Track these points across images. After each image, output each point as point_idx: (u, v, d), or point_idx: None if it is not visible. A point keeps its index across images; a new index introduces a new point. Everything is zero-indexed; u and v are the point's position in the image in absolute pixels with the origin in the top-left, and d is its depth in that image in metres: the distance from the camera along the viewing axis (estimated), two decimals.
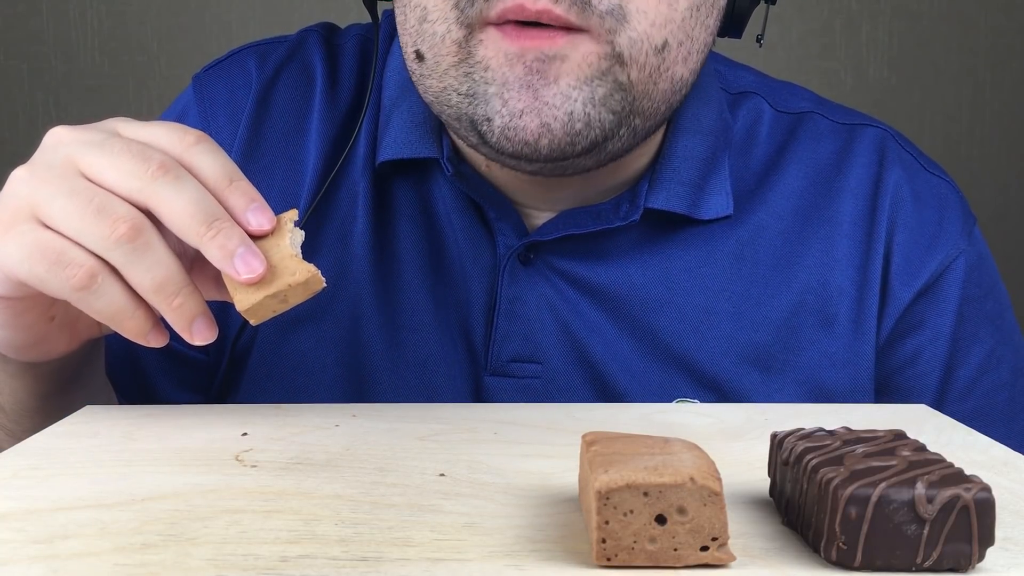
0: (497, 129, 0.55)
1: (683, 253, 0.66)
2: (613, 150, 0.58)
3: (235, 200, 0.49)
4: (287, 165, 0.68)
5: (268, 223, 0.49)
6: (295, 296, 0.48)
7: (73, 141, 0.49)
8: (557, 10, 0.53)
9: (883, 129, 0.71)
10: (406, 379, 0.65)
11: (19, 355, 0.54)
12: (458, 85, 0.56)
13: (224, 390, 0.69)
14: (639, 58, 0.55)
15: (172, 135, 0.50)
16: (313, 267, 0.48)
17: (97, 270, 0.47)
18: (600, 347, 0.65)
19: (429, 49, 0.57)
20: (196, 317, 0.48)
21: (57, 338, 0.54)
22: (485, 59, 0.55)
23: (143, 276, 0.47)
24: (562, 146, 0.55)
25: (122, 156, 0.48)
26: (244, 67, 0.71)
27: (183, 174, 0.48)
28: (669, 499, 0.33)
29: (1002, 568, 0.35)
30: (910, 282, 0.67)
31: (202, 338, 0.48)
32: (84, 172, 0.48)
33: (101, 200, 0.47)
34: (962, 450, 0.49)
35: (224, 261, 0.47)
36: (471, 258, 0.66)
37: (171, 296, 0.47)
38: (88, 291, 0.47)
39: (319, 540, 0.36)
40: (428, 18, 0.56)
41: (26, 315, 0.52)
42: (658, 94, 0.57)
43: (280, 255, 0.48)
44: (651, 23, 0.55)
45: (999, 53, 1.96)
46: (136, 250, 0.47)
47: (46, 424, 0.58)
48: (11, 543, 0.36)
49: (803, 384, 0.65)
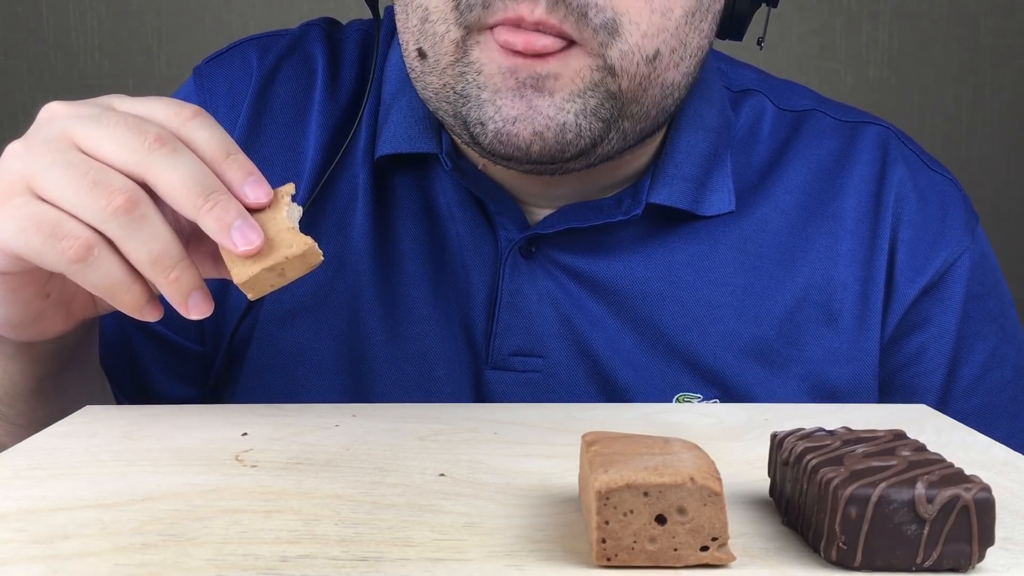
0: (490, 133, 0.56)
1: (686, 247, 0.66)
2: (603, 153, 0.59)
3: (232, 173, 0.48)
4: (287, 156, 0.68)
5: (265, 196, 0.48)
6: (293, 269, 0.48)
7: (68, 115, 0.49)
8: (553, 20, 0.53)
9: (885, 127, 0.72)
10: (406, 372, 0.65)
11: (15, 333, 0.54)
12: (454, 83, 0.57)
13: (222, 382, 0.69)
14: (630, 69, 0.56)
15: (168, 109, 0.49)
16: (310, 239, 0.47)
17: (93, 242, 0.47)
18: (602, 341, 0.65)
19: (431, 48, 0.57)
20: (192, 291, 0.48)
21: (53, 316, 0.54)
22: (479, 61, 0.55)
23: (139, 249, 0.47)
24: (552, 153, 0.56)
25: (118, 129, 0.47)
26: (245, 59, 0.71)
27: (180, 147, 0.48)
28: (669, 499, 0.33)
29: (1002, 568, 0.35)
30: (915, 279, 0.67)
31: (198, 312, 0.48)
32: (79, 145, 0.48)
33: (97, 172, 0.47)
34: (962, 450, 0.49)
35: (221, 233, 0.47)
36: (472, 251, 0.66)
37: (168, 269, 0.47)
38: (84, 263, 0.47)
39: (319, 540, 0.36)
40: (430, 18, 0.57)
41: (22, 291, 0.51)
42: (648, 99, 0.58)
43: (277, 228, 0.48)
44: (643, 34, 0.55)
45: (999, 53, 1.96)
46: (132, 222, 0.46)
47: (39, 411, 0.58)
48: (11, 543, 0.36)
49: (806, 380, 0.65)
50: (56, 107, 0.50)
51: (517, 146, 0.56)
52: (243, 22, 1.92)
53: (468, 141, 0.58)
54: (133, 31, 1.92)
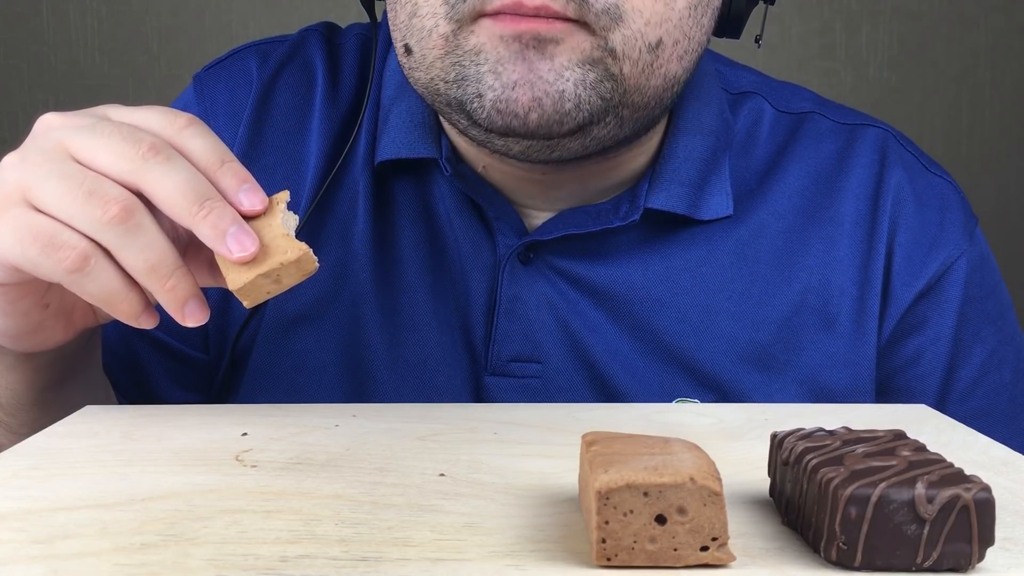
0: (488, 103, 0.55)
1: (683, 252, 0.66)
2: (599, 136, 0.58)
3: (227, 181, 0.48)
4: (288, 164, 0.68)
5: (260, 203, 0.48)
6: (288, 276, 0.48)
7: (63, 126, 0.49)
8: (555, 6, 0.53)
9: (884, 129, 0.71)
10: (406, 379, 0.65)
11: (15, 344, 0.54)
12: (444, 75, 0.57)
13: (224, 389, 0.69)
14: (632, 54, 0.55)
15: (163, 118, 0.49)
16: (305, 245, 0.47)
17: (90, 252, 0.47)
18: (600, 347, 0.65)
19: (417, 43, 0.57)
20: (189, 299, 0.48)
21: (53, 327, 0.54)
22: (477, 45, 0.55)
23: (136, 258, 0.47)
24: (550, 123, 0.56)
25: (112, 138, 0.47)
26: (245, 66, 0.71)
27: (174, 155, 0.48)
28: (669, 499, 0.33)
29: (1002, 568, 0.35)
30: (912, 282, 0.67)
31: (194, 320, 0.48)
32: (75, 155, 0.48)
33: (92, 182, 0.47)
34: (962, 450, 0.49)
35: (216, 240, 0.47)
36: (471, 257, 0.66)
37: (164, 278, 0.47)
38: (81, 273, 0.47)
39: (319, 540, 0.36)
40: (418, 13, 0.57)
41: (20, 302, 0.51)
42: (650, 89, 0.58)
43: (272, 234, 0.48)
44: (646, 22, 0.55)
45: (999, 53, 1.96)
46: (128, 231, 0.46)
47: (42, 419, 0.58)
48: (11, 543, 0.36)
49: (803, 384, 0.65)
50: (51, 118, 0.50)
51: (515, 112, 0.55)
52: (243, 23, 1.92)
53: (465, 123, 0.58)
54: (133, 31, 1.92)
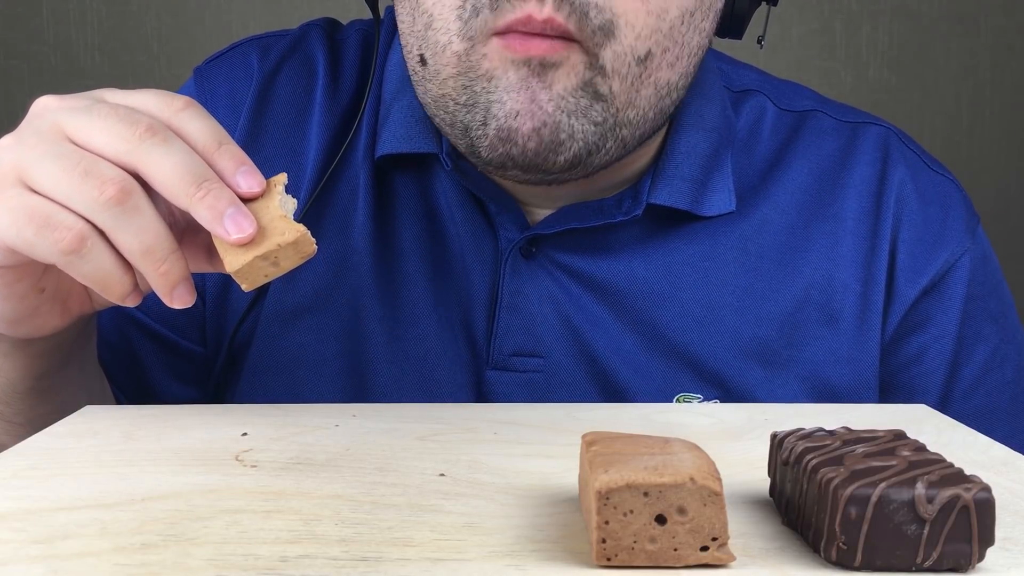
0: (492, 132, 0.56)
1: (686, 247, 0.66)
2: (600, 163, 0.59)
3: (224, 163, 0.48)
4: (288, 157, 0.68)
5: (258, 185, 0.48)
6: (286, 258, 0.47)
7: (59, 108, 0.49)
8: (559, 19, 0.54)
9: (886, 127, 0.72)
10: (407, 373, 0.65)
11: (11, 330, 0.54)
12: (456, 95, 0.57)
13: (223, 383, 0.69)
14: (620, 69, 0.56)
15: (160, 100, 0.49)
16: (303, 227, 0.47)
17: (86, 233, 0.46)
18: (602, 342, 0.65)
19: (432, 56, 0.57)
20: (179, 283, 0.48)
21: (49, 312, 0.54)
22: (489, 71, 0.56)
23: (131, 239, 0.47)
24: (547, 151, 0.56)
25: (109, 119, 0.47)
26: (246, 60, 0.71)
27: (171, 136, 0.48)
28: (669, 499, 0.33)
29: (1002, 568, 0.35)
30: (915, 279, 0.67)
31: (181, 303, 0.48)
32: (71, 136, 0.48)
33: (88, 163, 0.47)
34: (962, 450, 0.49)
35: (214, 222, 0.46)
36: (472, 251, 0.66)
37: (159, 261, 0.47)
38: (77, 255, 0.47)
39: (319, 540, 0.36)
40: (433, 26, 0.57)
41: (16, 285, 0.51)
42: (642, 100, 0.58)
43: (270, 216, 0.47)
44: (636, 36, 0.55)
45: (999, 53, 1.96)
46: (125, 213, 0.46)
47: (38, 409, 0.58)
48: (11, 543, 0.36)
49: (806, 380, 0.65)
50: (47, 100, 0.50)
51: (515, 142, 0.55)
52: (243, 22, 1.92)
53: (465, 148, 0.59)
54: (133, 31, 1.92)
